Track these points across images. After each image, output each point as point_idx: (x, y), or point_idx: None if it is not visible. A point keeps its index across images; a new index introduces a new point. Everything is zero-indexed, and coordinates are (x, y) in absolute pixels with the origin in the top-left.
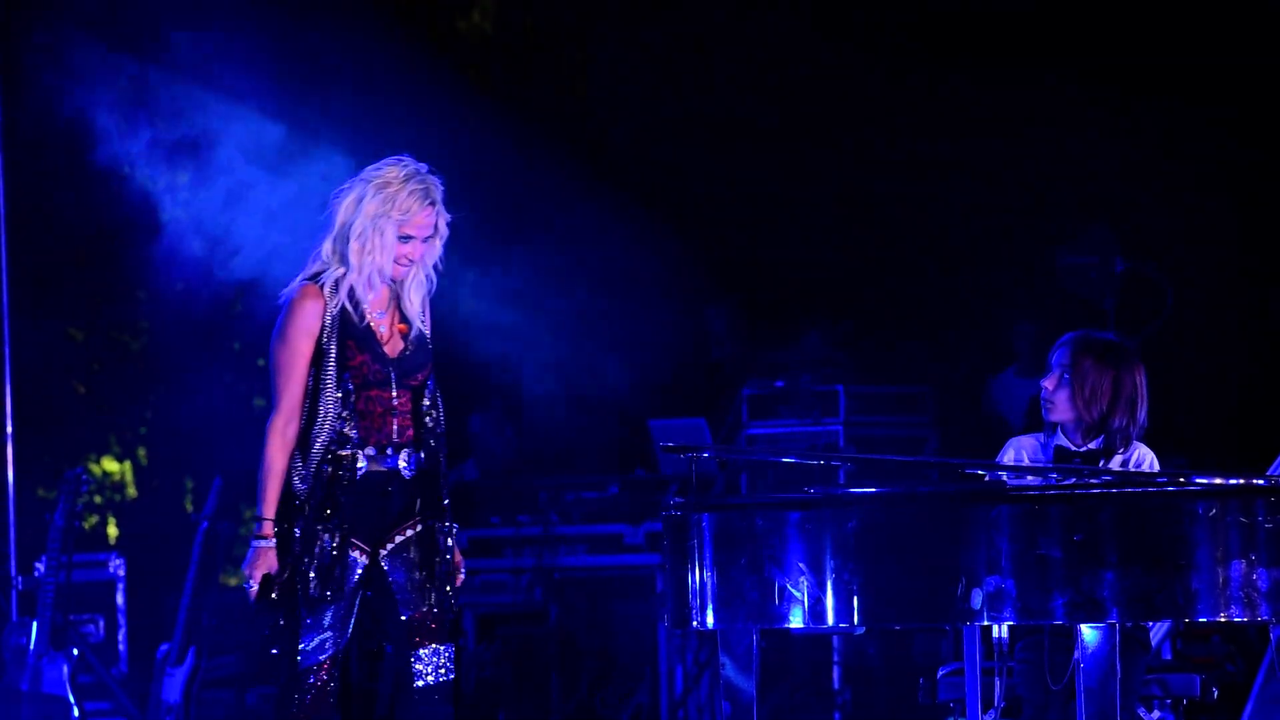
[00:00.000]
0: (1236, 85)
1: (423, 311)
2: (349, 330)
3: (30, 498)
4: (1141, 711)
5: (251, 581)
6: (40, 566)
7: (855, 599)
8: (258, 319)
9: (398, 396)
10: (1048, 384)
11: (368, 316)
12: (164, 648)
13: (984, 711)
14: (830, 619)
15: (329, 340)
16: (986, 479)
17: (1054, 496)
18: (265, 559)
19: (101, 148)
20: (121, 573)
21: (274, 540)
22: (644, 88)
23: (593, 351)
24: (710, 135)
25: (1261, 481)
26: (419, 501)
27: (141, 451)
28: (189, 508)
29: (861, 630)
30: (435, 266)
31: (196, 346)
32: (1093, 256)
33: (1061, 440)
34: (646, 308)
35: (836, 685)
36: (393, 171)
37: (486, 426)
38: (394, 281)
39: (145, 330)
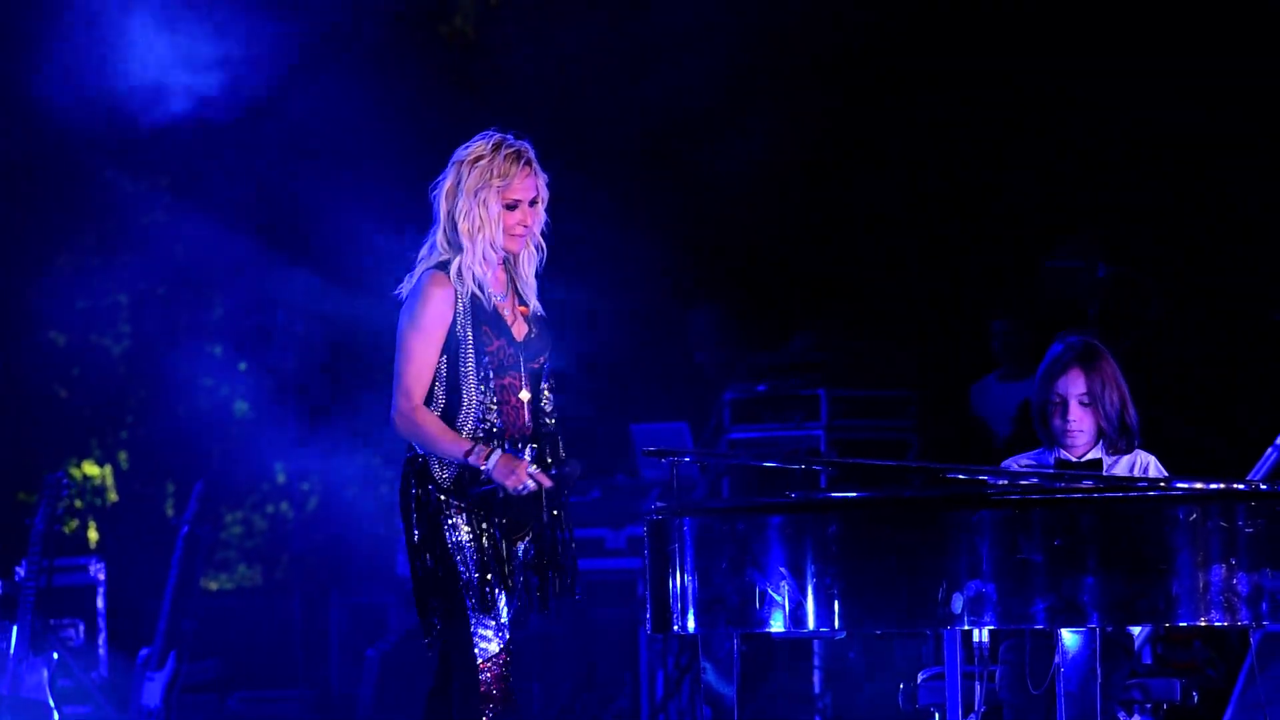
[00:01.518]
0: (1225, 89)
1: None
2: (481, 315)
3: (10, 502)
4: (1122, 715)
5: (527, 480)
6: (20, 571)
7: (836, 603)
8: (238, 323)
9: (525, 383)
10: (1073, 416)
11: (491, 300)
12: (144, 652)
13: (964, 715)
14: (811, 623)
15: (464, 327)
16: (966, 481)
17: (1035, 501)
18: (508, 460)
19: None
20: (102, 577)
21: (498, 449)
22: (628, 89)
23: (573, 355)
24: (693, 134)
25: (1242, 486)
26: (540, 501)
27: (122, 455)
28: (170, 512)
29: (842, 634)
30: (542, 234)
31: (178, 350)
32: (1078, 261)
33: (1061, 454)
34: (629, 309)
35: (817, 689)
36: (481, 145)
37: None
38: (507, 258)
39: (127, 334)
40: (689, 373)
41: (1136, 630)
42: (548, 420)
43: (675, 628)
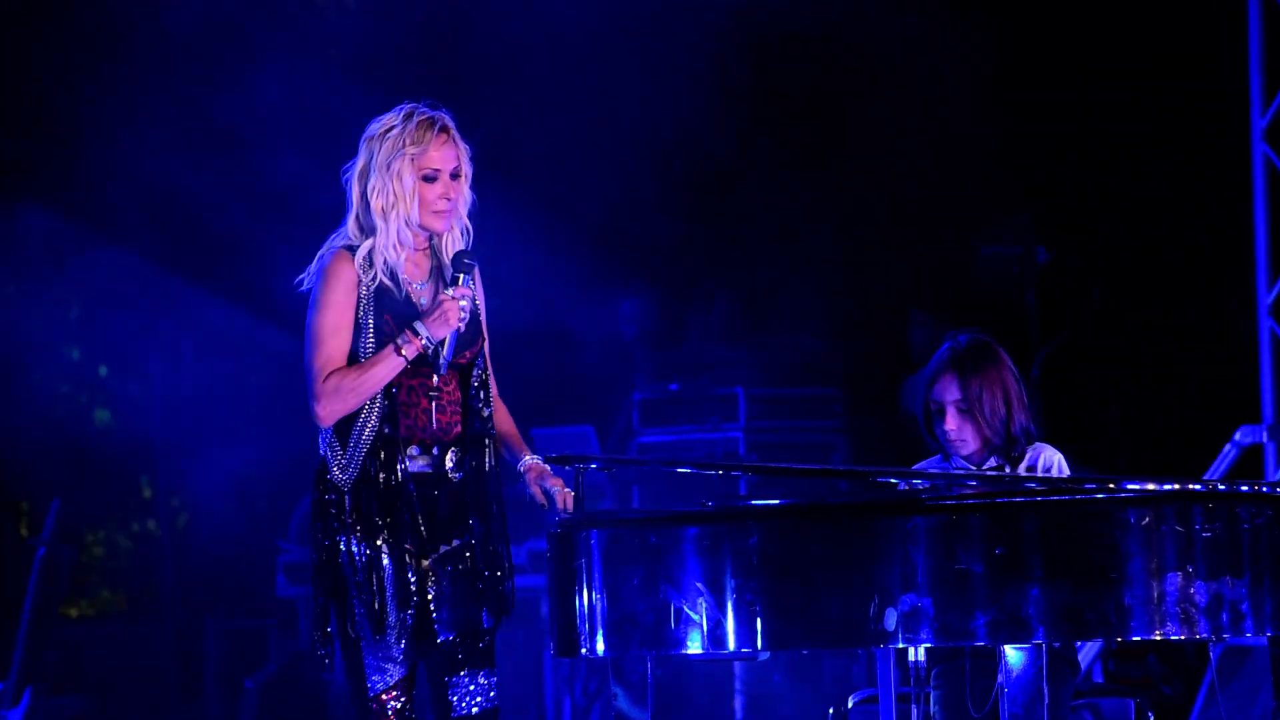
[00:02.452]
0: (1163, 64)
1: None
2: (386, 304)
3: None
4: None
5: (458, 307)
6: None
7: (758, 621)
8: (99, 327)
9: (444, 382)
10: (950, 425)
11: (405, 287)
12: None
13: None
14: (731, 643)
15: (365, 314)
16: (900, 488)
17: (973, 506)
18: (431, 316)
19: None
20: None
21: (414, 322)
22: (536, 67)
23: None
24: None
25: (1198, 487)
26: (469, 507)
27: None
28: (24, 533)
29: (766, 655)
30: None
31: (32, 359)
32: (1015, 247)
33: (959, 462)
34: (530, 304)
35: (739, 715)
36: (391, 117)
37: None
38: (432, 241)
39: None
40: (594, 372)
41: (1085, 645)
42: (483, 424)
43: (583, 650)
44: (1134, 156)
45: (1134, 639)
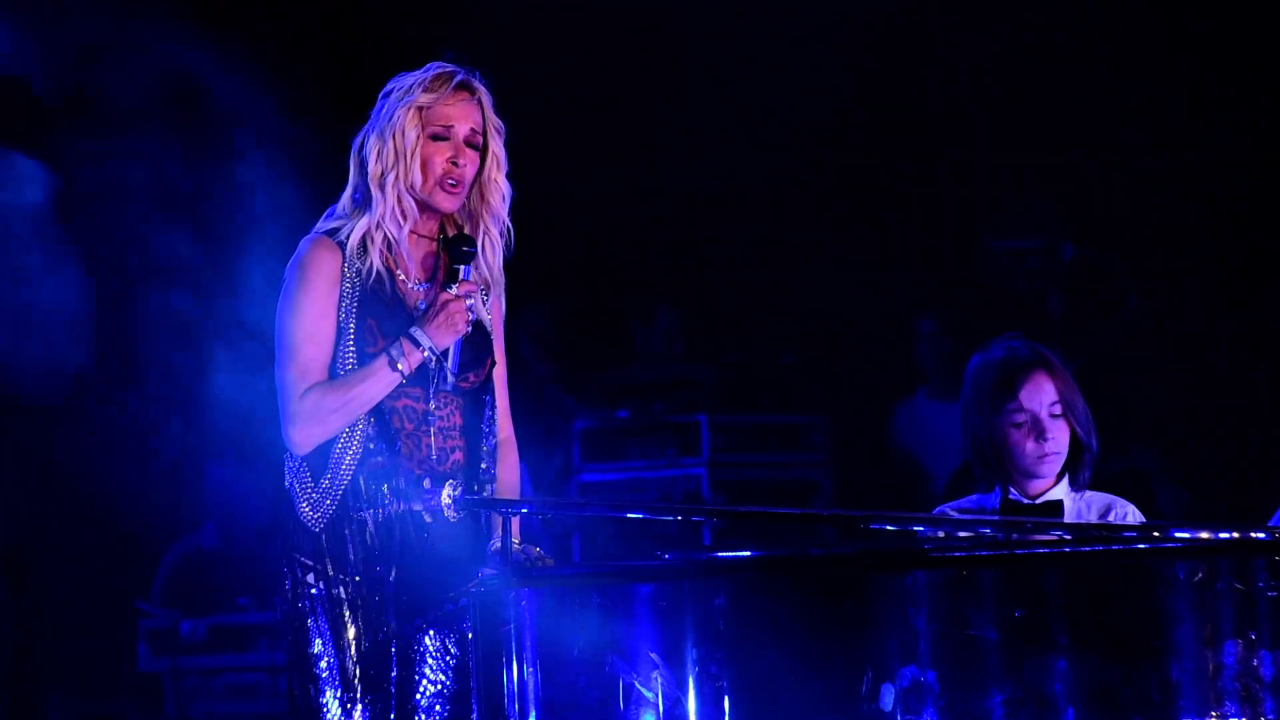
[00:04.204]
0: (1214, 34)
1: (491, 292)
2: (371, 305)
3: None
4: None
5: (463, 310)
6: None
7: (725, 699)
8: None
9: (438, 404)
10: (1051, 435)
11: (399, 283)
12: None
13: None
14: None
15: (346, 317)
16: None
17: (987, 558)
18: (432, 323)
19: None
20: None
21: (413, 328)
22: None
23: None
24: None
25: (1261, 535)
26: (470, 558)
27: None
28: None
29: None
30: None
31: None
32: (1034, 241)
33: (1011, 494)
34: None
35: None
36: (410, 74)
37: (228, 479)
38: (440, 235)
39: None
40: (525, 396)
41: None
42: (488, 455)
43: None
44: (1177, 139)
45: None
